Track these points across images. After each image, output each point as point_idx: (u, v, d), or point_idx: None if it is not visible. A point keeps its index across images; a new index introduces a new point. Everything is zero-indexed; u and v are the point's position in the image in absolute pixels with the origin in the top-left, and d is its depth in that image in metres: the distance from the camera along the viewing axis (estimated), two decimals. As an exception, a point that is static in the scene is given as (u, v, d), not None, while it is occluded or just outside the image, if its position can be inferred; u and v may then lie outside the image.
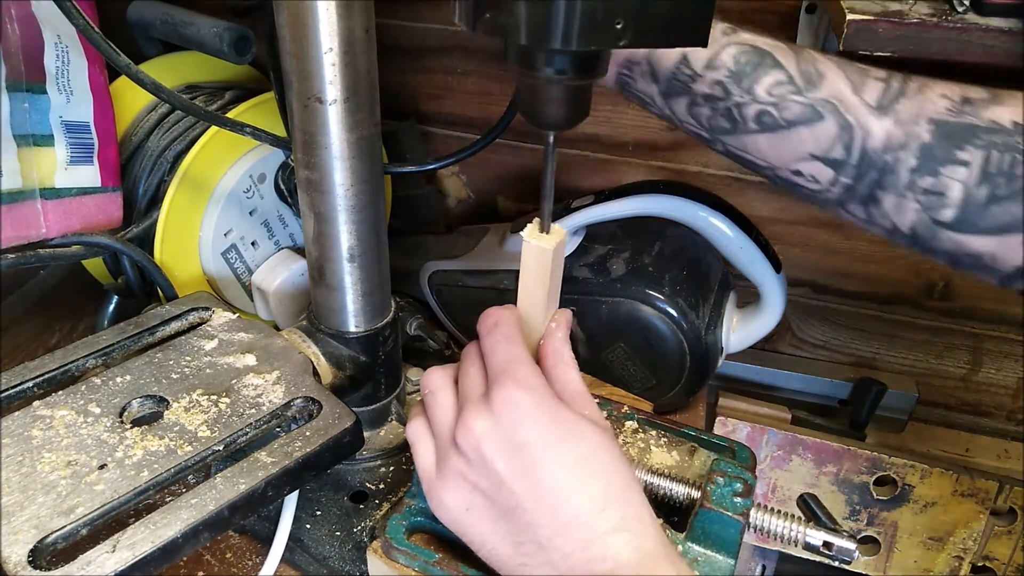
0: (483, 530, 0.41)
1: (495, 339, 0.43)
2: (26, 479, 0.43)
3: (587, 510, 0.38)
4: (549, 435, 0.39)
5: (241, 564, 0.57)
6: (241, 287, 0.73)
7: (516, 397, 0.40)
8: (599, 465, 0.40)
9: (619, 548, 0.38)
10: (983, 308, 0.83)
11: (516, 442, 0.39)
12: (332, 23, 0.45)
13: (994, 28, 0.50)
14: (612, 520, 0.38)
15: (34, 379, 0.50)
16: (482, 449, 0.40)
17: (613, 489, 0.39)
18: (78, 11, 0.51)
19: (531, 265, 0.43)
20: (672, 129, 0.84)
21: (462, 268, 0.78)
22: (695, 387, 0.71)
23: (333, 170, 0.50)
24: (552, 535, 0.38)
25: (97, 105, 0.64)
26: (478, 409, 0.40)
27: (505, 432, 0.39)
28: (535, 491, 0.39)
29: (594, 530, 0.38)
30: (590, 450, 0.40)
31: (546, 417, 0.40)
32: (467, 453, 0.40)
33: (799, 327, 0.91)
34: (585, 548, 0.38)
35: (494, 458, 0.39)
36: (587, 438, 0.40)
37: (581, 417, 0.41)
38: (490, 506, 0.41)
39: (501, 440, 0.39)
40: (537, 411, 0.40)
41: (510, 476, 0.39)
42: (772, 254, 0.68)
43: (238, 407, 0.49)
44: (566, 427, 0.40)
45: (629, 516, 0.39)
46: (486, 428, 0.40)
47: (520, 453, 0.39)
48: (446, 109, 0.91)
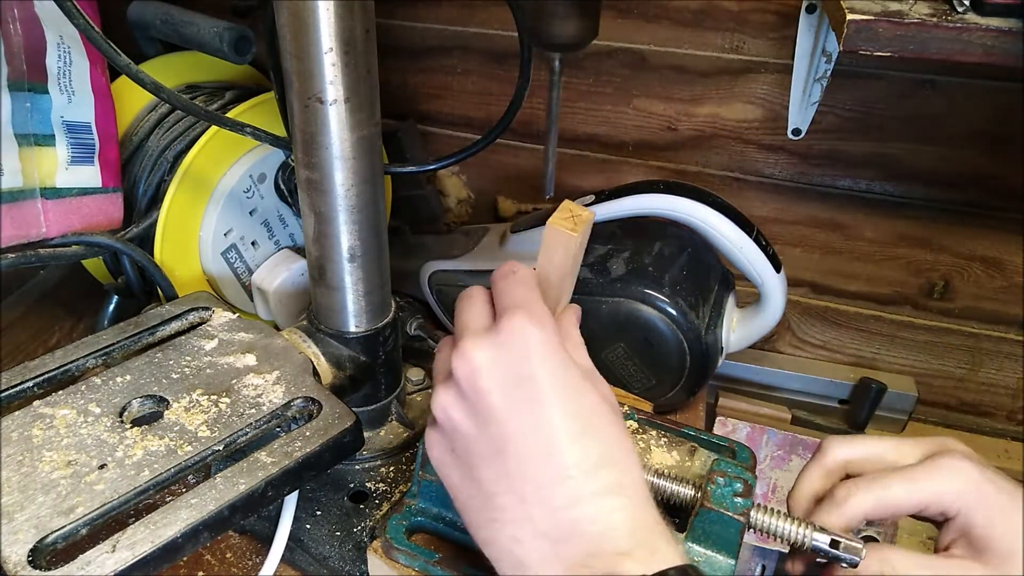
0: (462, 474, 0.38)
1: (511, 282, 0.40)
2: (26, 479, 0.43)
3: (580, 465, 0.35)
4: (556, 379, 0.36)
5: (241, 564, 0.58)
6: (241, 287, 0.73)
7: (528, 329, 0.36)
8: (601, 425, 0.37)
9: (611, 511, 0.35)
10: (983, 308, 0.83)
11: (521, 374, 0.36)
12: (332, 23, 0.45)
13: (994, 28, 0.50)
14: (605, 482, 0.35)
15: (34, 379, 0.50)
16: (479, 381, 0.36)
17: (612, 452, 0.37)
18: (78, 11, 0.51)
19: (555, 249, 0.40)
20: (672, 129, 0.84)
21: (462, 268, 0.78)
22: (695, 387, 0.71)
23: (333, 170, 0.50)
24: (537, 487, 0.35)
25: (99, 106, 0.64)
26: (479, 338, 0.37)
27: (511, 363, 0.36)
28: (527, 433, 0.36)
29: (584, 487, 0.35)
30: (593, 407, 0.37)
31: (556, 357, 0.37)
32: (461, 384, 0.37)
33: (799, 327, 0.91)
34: (573, 505, 0.35)
35: (491, 390, 0.36)
36: (593, 396, 0.38)
37: (591, 378, 0.39)
38: (472, 446, 0.37)
39: (504, 371, 0.36)
40: (548, 348, 0.36)
41: (504, 413, 0.36)
42: (772, 254, 0.68)
43: (238, 407, 0.49)
44: (575, 378, 0.37)
45: (625, 484, 0.36)
46: (487, 357, 0.36)
47: (522, 387, 0.36)
48: (446, 109, 0.91)
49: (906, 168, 0.79)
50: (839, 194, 0.83)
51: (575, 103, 0.85)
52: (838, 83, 0.75)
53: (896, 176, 0.80)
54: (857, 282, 0.87)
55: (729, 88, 0.80)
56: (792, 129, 0.80)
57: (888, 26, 0.51)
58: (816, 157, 0.81)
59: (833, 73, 0.73)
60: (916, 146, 0.78)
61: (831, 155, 0.81)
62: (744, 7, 0.75)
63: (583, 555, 0.35)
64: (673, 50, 0.80)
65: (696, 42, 0.79)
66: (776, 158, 0.83)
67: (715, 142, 0.83)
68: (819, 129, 0.79)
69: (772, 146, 0.82)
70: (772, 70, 0.78)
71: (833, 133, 0.79)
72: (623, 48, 0.81)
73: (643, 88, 0.83)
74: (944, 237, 0.81)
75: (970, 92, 0.73)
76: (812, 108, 0.77)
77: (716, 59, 0.79)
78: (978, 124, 0.75)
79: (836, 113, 0.78)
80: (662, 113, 0.83)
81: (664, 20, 0.79)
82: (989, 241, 0.80)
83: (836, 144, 0.80)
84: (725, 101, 0.81)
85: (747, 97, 0.80)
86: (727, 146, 0.83)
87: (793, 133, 0.80)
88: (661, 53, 0.80)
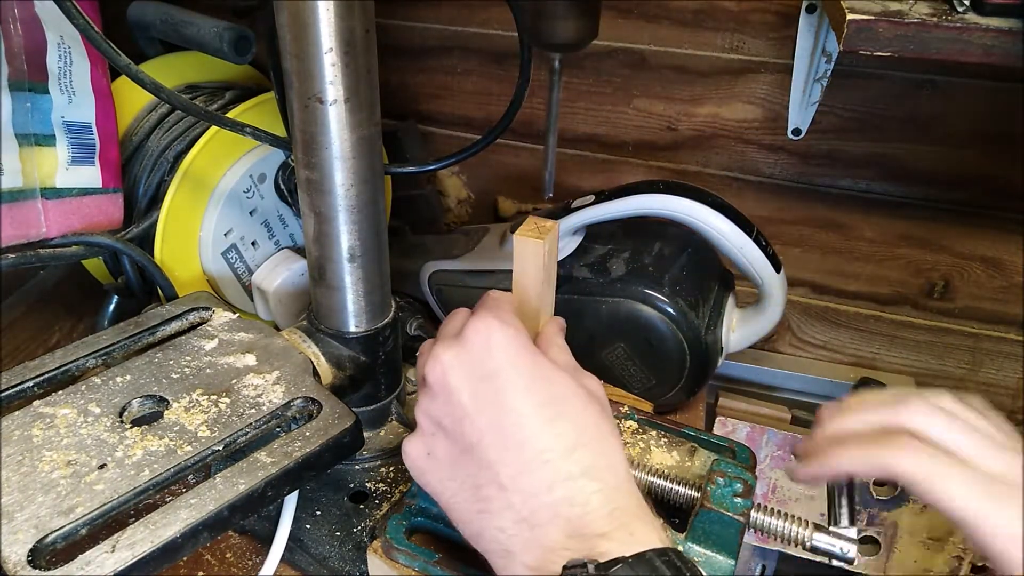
0: (443, 475, 0.39)
1: (485, 299, 0.42)
2: (26, 479, 0.43)
3: (553, 449, 0.36)
4: (521, 370, 0.37)
5: (241, 564, 0.58)
6: (241, 287, 0.73)
7: (491, 326, 0.38)
8: (575, 411, 0.38)
9: (589, 494, 0.35)
10: (983, 308, 0.83)
11: (485, 370, 0.37)
12: (332, 23, 0.45)
13: (994, 28, 0.50)
14: (580, 464, 0.36)
15: (34, 379, 0.50)
16: (448, 380, 0.38)
17: (585, 436, 0.37)
18: (78, 11, 0.51)
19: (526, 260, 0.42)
20: (672, 129, 0.84)
21: (462, 268, 0.78)
22: (695, 387, 0.71)
23: (333, 170, 0.50)
24: (515, 474, 0.36)
25: (99, 106, 0.64)
26: (449, 341, 0.39)
27: (474, 360, 0.38)
28: (499, 424, 0.37)
29: (559, 471, 0.36)
30: (566, 394, 0.38)
31: (520, 353, 0.38)
32: (433, 387, 0.39)
33: (799, 327, 0.91)
34: (549, 489, 0.36)
35: (459, 387, 0.37)
36: (566, 383, 0.38)
37: (562, 370, 0.39)
38: (451, 445, 0.38)
39: (468, 368, 0.38)
40: (511, 343, 0.38)
41: (474, 407, 0.37)
42: (772, 254, 0.68)
43: (238, 407, 0.49)
44: (544, 368, 0.38)
45: (600, 467, 0.37)
46: (453, 356, 0.38)
47: (487, 381, 0.37)
48: (446, 109, 0.91)
49: (906, 168, 0.79)
50: (839, 194, 0.83)
51: (575, 103, 0.85)
52: (838, 83, 0.75)
53: (896, 176, 0.80)
54: (857, 282, 0.87)
55: (729, 88, 0.80)
56: (792, 129, 0.80)
57: (888, 26, 0.51)
58: (816, 157, 0.81)
59: (833, 73, 0.73)
60: (916, 146, 0.78)
61: (831, 155, 0.81)
62: (744, 7, 0.75)
63: (563, 537, 0.35)
64: (673, 50, 0.80)
65: (696, 42, 0.79)
66: (776, 158, 0.83)
67: (715, 142, 0.83)
68: (819, 129, 0.79)
69: (772, 146, 0.82)
70: (772, 70, 0.78)
71: (833, 133, 0.79)
72: (623, 48, 0.81)
73: (643, 88, 0.83)
74: (944, 237, 0.81)
75: (970, 92, 0.73)
76: (812, 108, 0.77)
77: (716, 59, 0.79)
78: (978, 124, 0.75)
79: (836, 113, 0.78)
80: (662, 113, 0.83)
81: (664, 20, 0.79)
82: (989, 241, 0.80)
83: (836, 144, 0.80)
84: (725, 101, 0.81)
85: (747, 97, 0.80)
86: (727, 146, 0.83)
87: (793, 133, 0.80)
88: (661, 53, 0.80)
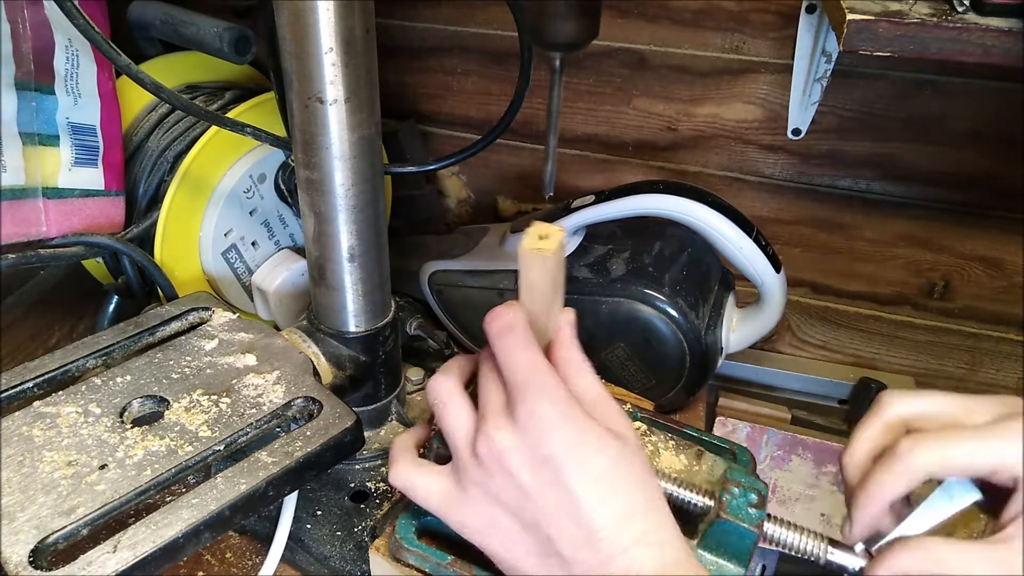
0: (507, 543, 0.42)
1: (509, 345, 0.42)
2: (27, 479, 0.43)
3: (609, 525, 0.39)
4: (574, 449, 0.39)
5: (241, 564, 0.58)
6: (241, 287, 0.73)
7: (543, 411, 0.40)
8: (621, 478, 0.40)
9: (642, 562, 0.38)
10: (983, 308, 0.83)
11: (541, 455, 0.39)
12: (332, 23, 0.45)
13: (994, 28, 0.50)
14: (634, 534, 0.39)
15: (34, 379, 0.50)
16: (506, 462, 0.40)
17: (635, 503, 0.40)
18: (78, 11, 0.51)
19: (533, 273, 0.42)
20: (672, 129, 0.84)
21: (462, 268, 0.78)
22: (695, 387, 0.71)
23: (333, 170, 0.50)
24: (576, 549, 0.39)
25: (104, 109, 0.64)
26: (501, 422, 0.40)
27: (531, 446, 0.40)
28: (558, 505, 0.39)
29: (615, 545, 0.39)
30: (612, 463, 0.40)
31: (571, 429, 0.40)
32: (489, 466, 0.40)
33: (799, 327, 0.91)
34: (607, 563, 0.39)
35: (519, 471, 0.40)
36: (610, 451, 0.40)
37: (605, 429, 0.41)
38: (513, 519, 0.41)
39: (527, 454, 0.40)
40: (563, 423, 0.40)
41: (535, 490, 0.39)
42: (772, 254, 0.68)
43: (238, 407, 0.49)
44: (590, 440, 0.40)
45: (650, 529, 0.40)
46: (511, 442, 0.40)
47: (545, 466, 0.39)
48: (446, 109, 0.91)
49: (906, 168, 0.79)
50: (839, 194, 0.83)
51: (575, 103, 0.85)
52: (838, 83, 0.75)
53: (896, 176, 0.80)
54: (857, 282, 0.87)
55: (729, 88, 0.80)
56: (792, 129, 0.80)
57: (888, 26, 0.51)
58: (816, 157, 0.81)
59: (833, 73, 0.73)
60: (916, 146, 0.78)
61: (831, 155, 0.81)
62: (744, 7, 0.75)
63: None
64: (673, 50, 0.80)
65: (696, 42, 0.79)
66: (776, 158, 0.83)
67: (715, 142, 0.83)
68: (819, 129, 0.79)
69: (772, 146, 0.82)
70: (772, 70, 0.78)
71: (833, 133, 0.79)
72: (623, 48, 0.81)
73: (643, 88, 0.83)
74: (944, 237, 0.81)
75: (970, 92, 0.73)
76: (812, 108, 0.77)
77: (716, 59, 0.79)
78: (978, 124, 0.75)
79: (836, 113, 0.78)
80: (662, 113, 0.83)
81: (664, 20, 0.79)
82: (989, 241, 0.80)
83: (836, 144, 0.80)
84: (725, 101, 0.81)
85: (747, 97, 0.80)
86: (727, 146, 0.83)
87: (793, 133, 0.80)
88: (661, 53, 0.80)
